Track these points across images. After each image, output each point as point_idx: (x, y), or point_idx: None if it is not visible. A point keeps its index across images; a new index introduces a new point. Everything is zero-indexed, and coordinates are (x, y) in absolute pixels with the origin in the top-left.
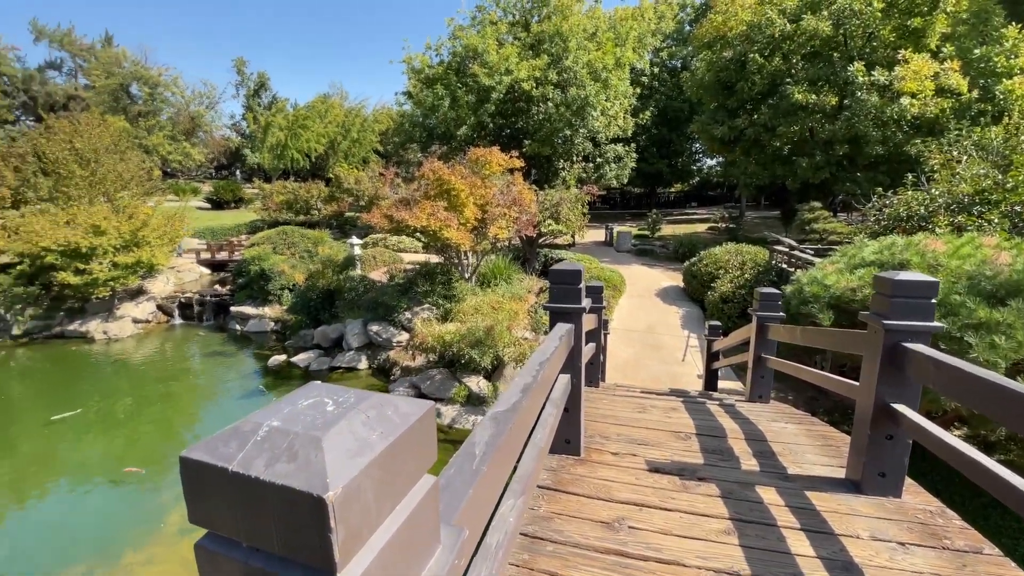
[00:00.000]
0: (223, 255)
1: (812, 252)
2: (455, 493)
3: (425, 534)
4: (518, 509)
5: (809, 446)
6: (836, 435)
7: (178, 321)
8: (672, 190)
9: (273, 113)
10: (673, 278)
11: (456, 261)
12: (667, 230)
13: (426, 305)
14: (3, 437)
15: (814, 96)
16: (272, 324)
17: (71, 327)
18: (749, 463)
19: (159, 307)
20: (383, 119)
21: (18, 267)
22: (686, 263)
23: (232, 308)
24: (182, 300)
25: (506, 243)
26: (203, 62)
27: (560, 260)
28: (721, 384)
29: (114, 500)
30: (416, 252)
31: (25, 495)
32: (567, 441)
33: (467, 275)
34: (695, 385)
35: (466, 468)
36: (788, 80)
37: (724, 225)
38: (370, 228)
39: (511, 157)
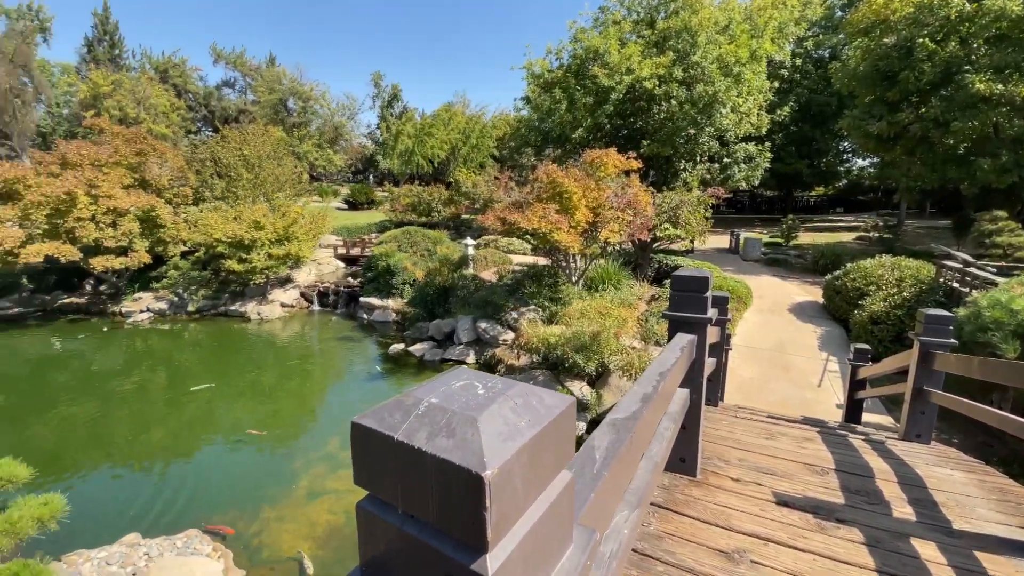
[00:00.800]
0: (356, 251)
1: (993, 270)
2: (577, 494)
3: (561, 529)
4: (632, 522)
5: (981, 499)
6: (1017, 489)
7: (316, 307)
8: (812, 194)
9: (403, 122)
10: (810, 292)
11: (564, 264)
12: (805, 238)
13: (532, 306)
14: (172, 398)
15: (1000, 86)
16: (394, 315)
17: (232, 307)
18: (902, 510)
19: (302, 294)
20: (501, 125)
21: (195, 255)
22: (828, 276)
23: (361, 299)
24: (320, 289)
25: (617, 247)
26: (346, 77)
27: (677, 267)
28: (866, 417)
29: (256, 461)
30: (524, 254)
31: (184, 451)
32: (682, 460)
33: (574, 278)
34: (833, 415)
35: (587, 471)
36: (967, 68)
37: (877, 234)
38: (483, 230)
39: (628, 158)
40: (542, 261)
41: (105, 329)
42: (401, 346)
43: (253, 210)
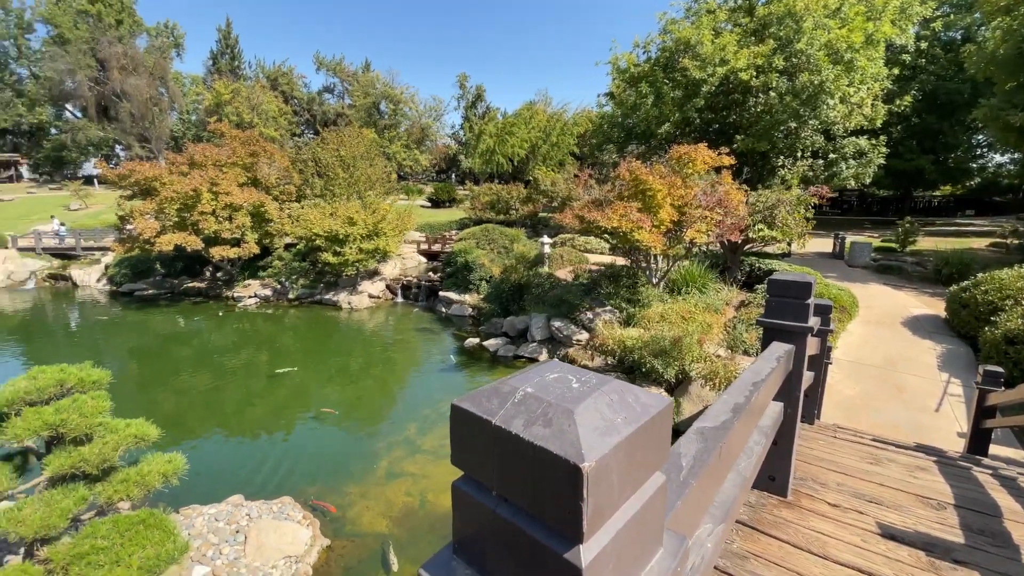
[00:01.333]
0: (437, 247)
1: None
2: None
3: (652, 531)
4: (716, 536)
5: None
6: None
7: (399, 300)
8: (936, 194)
9: (486, 122)
10: (929, 304)
11: (644, 264)
12: (925, 243)
13: (608, 307)
14: (273, 376)
15: None
16: (470, 310)
17: (326, 296)
18: None
19: (387, 286)
20: (582, 122)
21: (296, 247)
22: (952, 287)
23: (440, 293)
24: (404, 282)
25: (703, 248)
26: (435, 80)
27: (771, 271)
28: (994, 449)
29: (343, 440)
30: (602, 253)
31: (282, 425)
32: (772, 478)
33: (654, 280)
34: (953, 444)
35: (673, 477)
36: None
37: (1017, 241)
38: (560, 228)
39: (719, 154)
40: (620, 261)
41: (220, 314)
42: (476, 340)
43: (347, 207)
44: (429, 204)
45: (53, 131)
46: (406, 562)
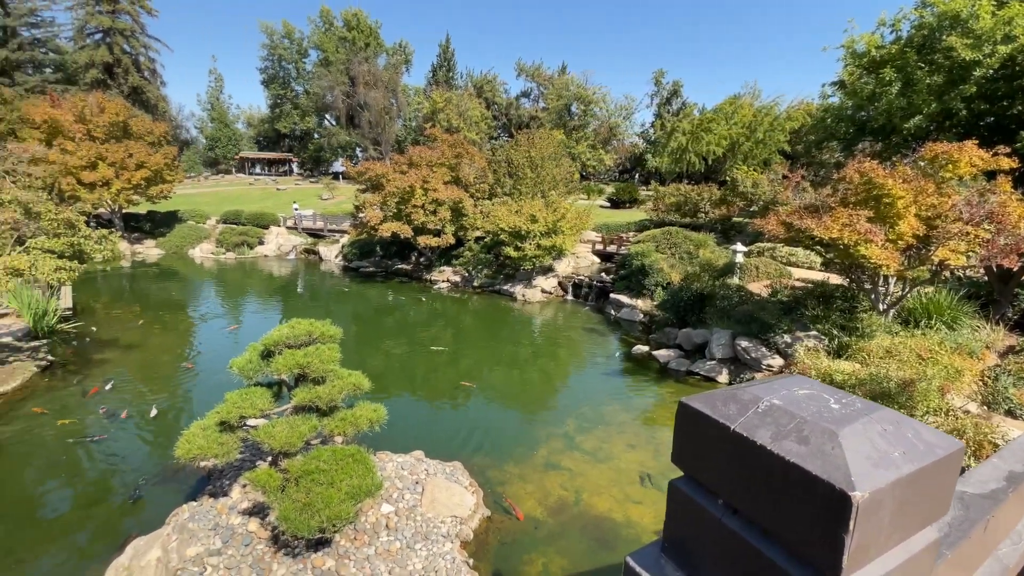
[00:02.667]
0: (612, 248)
1: None
2: None
3: None
4: None
5: None
6: None
7: (569, 297)
8: None
9: (680, 119)
10: None
11: (868, 286)
12: None
13: (814, 332)
14: (455, 350)
15: None
16: (641, 316)
17: (504, 287)
18: None
19: (559, 283)
20: (796, 116)
21: (484, 240)
22: None
23: (611, 294)
24: (576, 281)
25: (959, 273)
26: (629, 77)
27: None
28: None
29: (509, 421)
30: (810, 268)
31: (459, 396)
32: None
33: (881, 306)
34: None
35: None
36: None
37: None
38: (758, 235)
39: (993, 155)
40: (835, 279)
41: (423, 299)
42: (645, 348)
43: (531, 205)
44: (608, 204)
45: (315, 136)
46: (555, 553)
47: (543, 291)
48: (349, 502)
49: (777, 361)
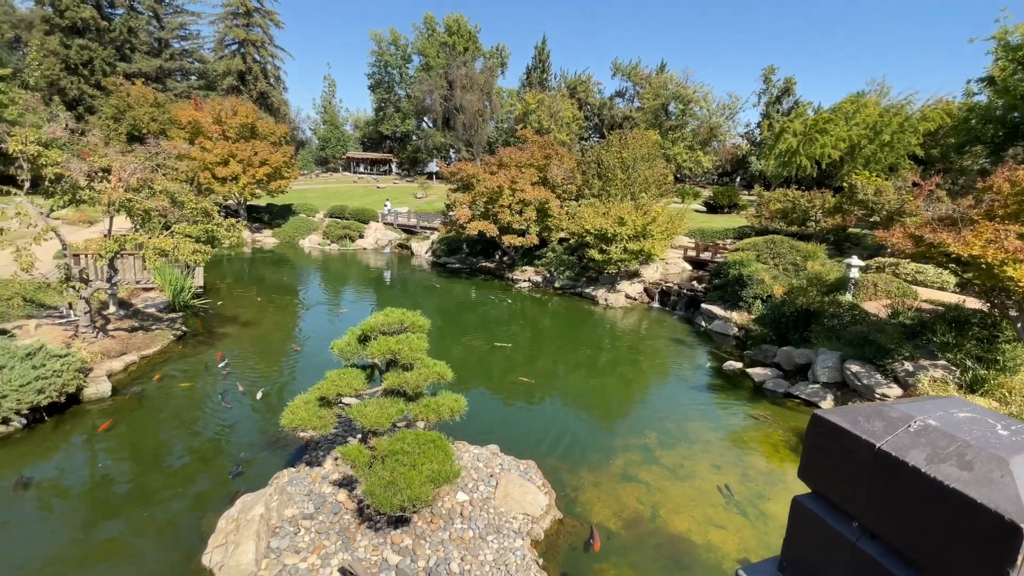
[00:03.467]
0: (706, 255)
1: None
2: None
3: None
4: None
5: None
6: None
7: (655, 305)
8: None
9: (791, 119)
10: None
11: (1014, 313)
12: None
13: (942, 361)
14: (532, 350)
15: None
16: (735, 329)
17: (586, 290)
18: None
19: (645, 289)
20: (933, 116)
21: (568, 242)
22: None
23: (702, 305)
24: (663, 288)
25: None
26: (734, 74)
27: None
28: None
29: (585, 426)
30: (941, 289)
31: (534, 395)
32: None
33: None
34: None
35: None
36: None
37: None
38: (878, 249)
39: None
40: (972, 303)
41: (504, 297)
42: (737, 365)
43: (620, 207)
44: (704, 209)
45: (414, 138)
46: (627, 566)
47: (627, 296)
48: (429, 485)
49: (894, 391)
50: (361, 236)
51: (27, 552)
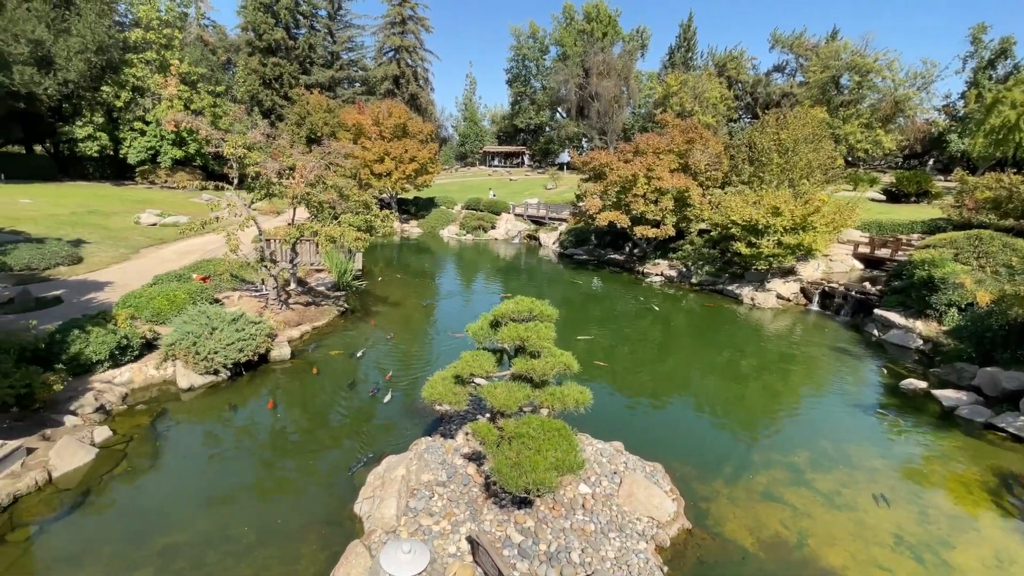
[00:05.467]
0: (883, 252)
1: None
2: None
3: None
4: None
5: None
6: None
7: (814, 307)
8: None
9: (1008, 87)
10: None
11: None
12: None
13: None
14: (662, 344)
15: None
16: (919, 342)
17: (728, 287)
18: None
19: (802, 289)
20: None
21: (709, 234)
22: None
23: (876, 310)
24: (826, 289)
25: None
26: (931, 37)
27: None
28: None
29: (717, 433)
30: None
31: (659, 392)
32: None
33: None
34: None
35: None
36: None
37: None
38: None
39: None
40: None
41: (632, 291)
42: (920, 384)
43: (774, 196)
44: (884, 197)
45: (547, 129)
46: None
47: (779, 296)
48: (552, 472)
49: None
50: (493, 227)
51: (227, 479)
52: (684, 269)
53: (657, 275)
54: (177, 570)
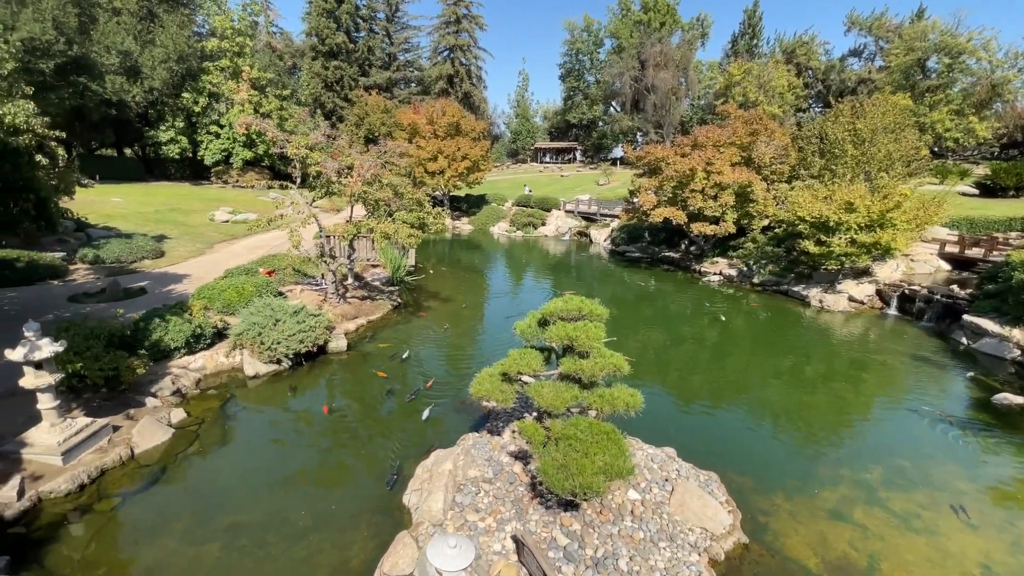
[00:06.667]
0: (975, 252)
1: None
2: None
3: None
4: None
5: None
6: None
7: (891, 311)
8: None
9: None
10: None
11: None
12: None
13: None
14: (718, 350)
15: None
16: (1016, 352)
17: (794, 288)
18: None
19: (878, 292)
20: None
21: (774, 231)
22: None
23: (965, 316)
24: (906, 291)
25: None
26: None
27: None
28: None
29: (778, 443)
30: None
31: (712, 396)
32: None
33: None
34: None
35: None
36: None
37: None
38: None
39: None
40: None
41: (688, 291)
42: (1017, 399)
43: (848, 190)
44: (976, 191)
45: (600, 124)
46: None
47: (851, 299)
48: (600, 476)
49: None
50: (543, 223)
51: (287, 464)
52: (745, 268)
53: (715, 274)
54: (240, 547)
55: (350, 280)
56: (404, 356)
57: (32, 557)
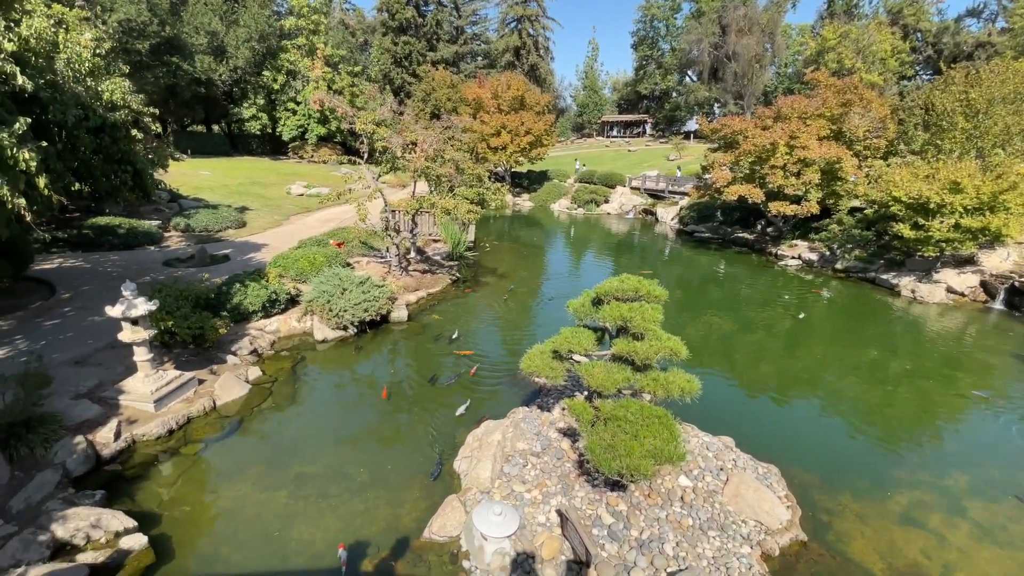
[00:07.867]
0: None
1: None
2: None
3: None
4: None
5: None
6: None
7: (997, 306)
8: None
9: None
10: None
11: None
12: None
13: None
14: (791, 338)
15: None
16: None
17: (883, 276)
18: None
19: (982, 283)
20: None
21: (864, 212)
22: None
23: None
24: (1016, 284)
25: None
26: None
27: None
28: None
29: (850, 441)
30: None
31: (754, 388)
32: None
33: None
34: None
35: None
36: None
37: None
38: None
39: None
40: None
41: (763, 275)
42: None
43: (956, 168)
44: None
45: (673, 95)
46: None
47: (950, 290)
48: (649, 459)
49: None
50: (607, 201)
51: (349, 424)
52: (827, 252)
53: (793, 257)
54: (306, 495)
55: (412, 254)
56: (453, 336)
57: (125, 492)
